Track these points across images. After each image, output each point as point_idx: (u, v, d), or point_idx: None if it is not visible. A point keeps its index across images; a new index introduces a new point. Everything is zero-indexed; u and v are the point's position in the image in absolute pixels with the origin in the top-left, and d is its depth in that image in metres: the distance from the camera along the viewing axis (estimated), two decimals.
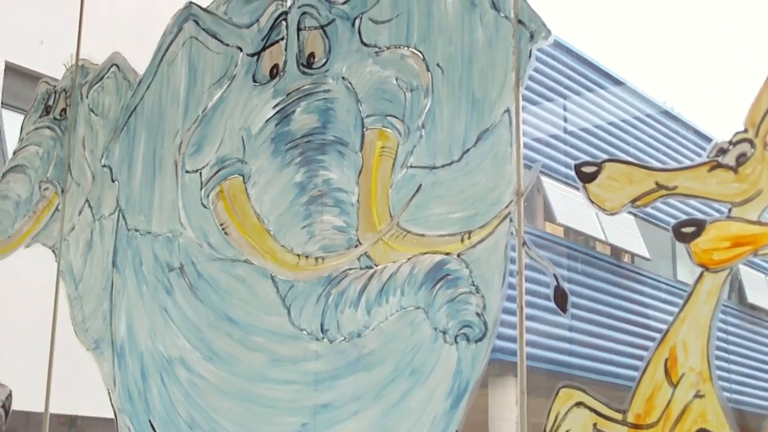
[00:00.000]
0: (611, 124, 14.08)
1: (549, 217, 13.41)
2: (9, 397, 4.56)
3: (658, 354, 2.65)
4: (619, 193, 2.75)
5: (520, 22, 3.08)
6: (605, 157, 2.97)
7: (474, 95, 3.15)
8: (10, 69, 8.60)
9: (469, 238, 3.02)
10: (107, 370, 4.03)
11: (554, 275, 2.86)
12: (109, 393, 4.00)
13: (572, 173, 2.85)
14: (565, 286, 2.87)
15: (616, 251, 14.71)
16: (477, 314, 2.95)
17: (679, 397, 2.60)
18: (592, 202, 2.79)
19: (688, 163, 2.73)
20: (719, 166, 2.64)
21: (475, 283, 2.98)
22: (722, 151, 2.65)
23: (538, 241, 12.25)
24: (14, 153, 4.86)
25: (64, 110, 4.63)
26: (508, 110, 3.08)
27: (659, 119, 14.93)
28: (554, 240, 13.50)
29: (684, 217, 2.72)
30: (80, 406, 6.26)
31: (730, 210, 2.63)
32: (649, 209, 2.81)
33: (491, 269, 3.00)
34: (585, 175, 2.79)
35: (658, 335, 2.69)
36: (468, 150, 3.13)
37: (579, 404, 2.76)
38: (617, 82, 14.41)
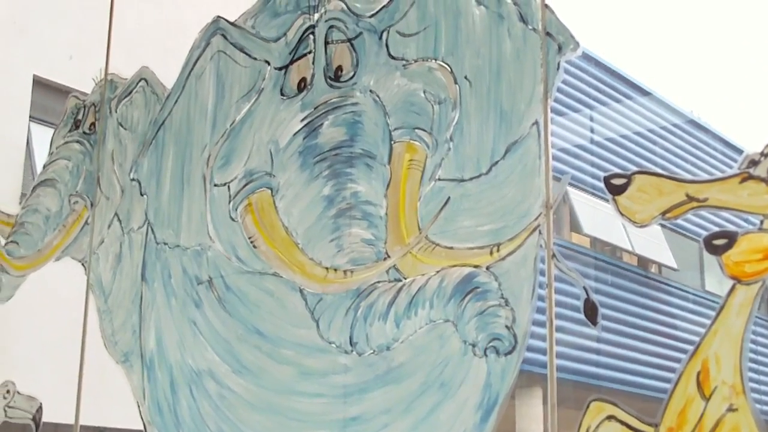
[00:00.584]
0: (638, 134, 14.03)
1: (575, 227, 13.37)
2: (39, 409, 4.59)
3: (690, 367, 2.63)
4: (649, 206, 2.73)
5: (548, 34, 3.06)
6: (633, 167, 2.95)
7: (502, 108, 3.14)
8: (40, 83, 8.68)
9: (498, 250, 3.00)
10: (136, 383, 4.04)
11: (584, 288, 2.84)
12: (138, 406, 4.01)
13: (599, 184, 2.84)
14: (595, 298, 2.85)
15: (644, 262, 14.64)
16: (506, 327, 2.93)
17: (711, 410, 2.57)
18: (622, 214, 2.77)
19: (718, 174, 2.71)
20: (751, 177, 2.61)
21: (504, 296, 2.96)
22: (753, 163, 2.62)
23: (565, 252, 12.20)
24: (44, 167, 4.90)
25: (93, 124, 4.67)
26: (536, 122, 3.06)
27: (687, 129, 14.87)
28: (581, 251, 13.45)
29: (711, 227, 2.69)
30: (109, 418, 6.28)
31: (762, 222, 2.60)
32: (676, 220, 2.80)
33: (520, 282, 2.98)
34: (614, 188, 2.77)
35: (686, 346, 2.67)
36: (496, 162, 3.11)
37: (610, 418, 2.74)
38: (644, 93, 14.36)
